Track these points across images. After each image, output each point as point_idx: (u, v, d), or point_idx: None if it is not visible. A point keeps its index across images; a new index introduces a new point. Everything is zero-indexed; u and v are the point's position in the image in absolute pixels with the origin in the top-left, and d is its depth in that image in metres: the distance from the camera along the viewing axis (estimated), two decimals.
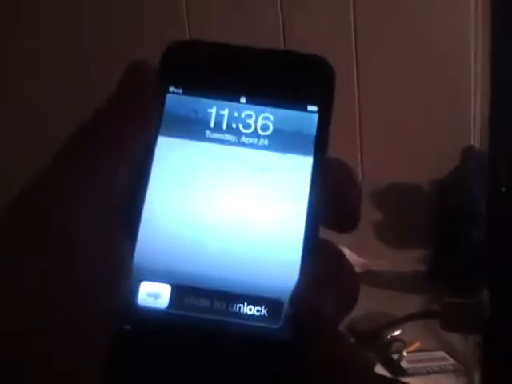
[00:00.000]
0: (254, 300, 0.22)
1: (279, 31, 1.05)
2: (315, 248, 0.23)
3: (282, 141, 0.24)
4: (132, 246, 0.23)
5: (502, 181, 0.40)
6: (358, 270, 0.80)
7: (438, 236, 0.82)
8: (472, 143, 0.94)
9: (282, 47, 1.05)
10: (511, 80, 0.42)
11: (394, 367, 0.59)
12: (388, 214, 0.96)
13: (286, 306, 0.22)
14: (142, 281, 0.23)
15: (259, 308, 0.22)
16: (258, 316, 0.22)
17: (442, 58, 0.99)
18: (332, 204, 0.23)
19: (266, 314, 0.22)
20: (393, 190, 1.02)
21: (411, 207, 0.96)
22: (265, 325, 0.22)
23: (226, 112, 0.24)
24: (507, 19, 0.41)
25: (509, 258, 0.41)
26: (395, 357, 0.60)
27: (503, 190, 0.40)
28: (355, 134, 1.08)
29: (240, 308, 0.22)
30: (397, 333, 0.63)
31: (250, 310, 0.22)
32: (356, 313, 0.71)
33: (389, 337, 0.63)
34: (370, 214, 0.96)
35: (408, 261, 0.81)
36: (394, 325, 0.61)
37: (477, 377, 0.43)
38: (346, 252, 0.84)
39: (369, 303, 0.73)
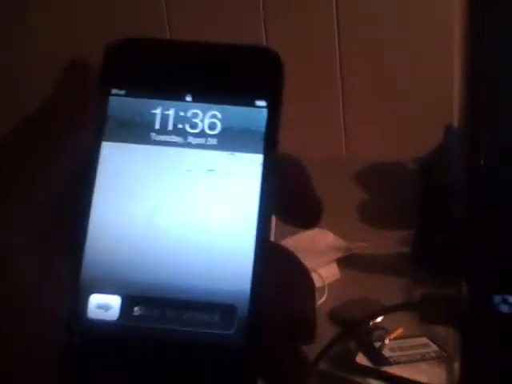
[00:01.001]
0: (206, 306, 0.22)
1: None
2: (267, 250, 0.22)
3: (231, 139, 0.23)
4: (78, 258, 0.22)
5: (481, 153, 0.38)
6: (341, 253, 0.78)
7: (421, 216, 0.80)
8: (455, 120, 0.92)
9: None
10: (487, 54, 0.40)
11: (376, 356, 0.58)
12: (372, 194, 0.95)
13: (238, 310, 0.22)
14: (91, 293, 0.22)
15: (211, 314, 0.22)
16: (210, 322, 0.22)
17: (423, 36, 0.98)
18: (290, 200, 0.23)
19: (218, 319, 0.22)
20: (377, 170, 1.01)
21: (395, 187, 0.95)
22: (218, 331, 0.22)
23: (171, 112, 0.23)
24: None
25: (487, 242, 0.39)
26: (377, 345, 0.59)
27: (482, 162, 0.39)
28: (338, 114, 1.07)
29: (192, 315, 0.22)
30: (378, 319, 0.61)
31: (203, 316, 0.22)
32: (339, 300, 0.70)
33: (370, 324, 0.61)
34: (354, 194, 0.95)
35: (392, 242, 0.80)
36: (371, 317, 0.60)
37: (457, 365, 0.42)
38: (329, 236, 0.83)
39: (352, 288, 0.72)
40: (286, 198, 0.23)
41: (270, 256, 0.22)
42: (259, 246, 0.22)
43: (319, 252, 0.77)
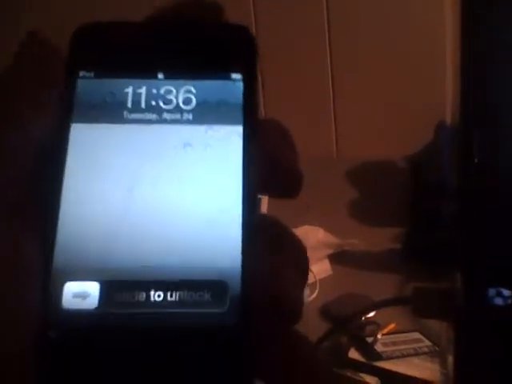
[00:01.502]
0: (195, 285, 0.21)
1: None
2: (256, 223, 0.21)
3: (208, 113, 0.23)
4: (49, 243, 0.20)
5: (475, 151, 0.39)
6: (332, 250, 0.78)
7: (412, 214, 0.81)
8: (446, 118, 0.93)
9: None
10: (481, 53, 0.41)
11: (368, 351, 0.58)
12: (363, 192, 0.95)
13: (230, 287, 0.21)
14: (65, 281, 0.20)
15: (201, 293, 0.20)
16: (200, 302, 0.20)
17: (415, 35, 0.98)
18: (270, 167, 0.22)
19: (209, 298, 0.20)
20: (368, 168, 1.01)
21: (387, 184, 0.95)
22: (209, 310, 0.20)
23: (143, 90, 0.23)
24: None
25: (481, 235, 0.39)
26: (369, 340, 0.59)
27: (476, 160, 0.39)
28: (329, 112, 1.07)
29: (180, 296, 0.20)
30: (371, 314, 0.62)
31: (192, 296, 0.20)
32: (330, 295, 0.71)
33: (363, 319, 0.61)
34: (345, 192, 0.95)
35: (384, 239, 0.80)
36: (364, 312, 0.60)
37: (450, 359, 0.42)
38: (320, 232, 0.83)
39: (343, 285, 0.73)
40: (263, 166, 0.22)
41: (259, 227, 0.21)
42: (246, 218, 0.21)
43: (311, 248, 0.77)
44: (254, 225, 0.21)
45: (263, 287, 0.20)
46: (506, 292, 0.37)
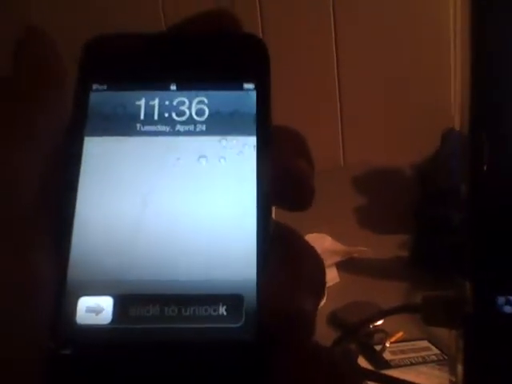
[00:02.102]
0: (210, 299, 0.20)
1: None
2: (271, 234, 0.21)
3: (221, 124, 0.22)
4: (63, 258, 0.20)
5: (484, 159, 0.39)
6: (339, 257, 0.78)
7: (419, 220, 0.81)
8: (453, 125, 0.93)
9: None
10: (490, 59, 0.41)
11: (377, 359, 0.58)
12: (371, 200, 0.95)
13: (246, 300, 0.20)
14: (79, 296, 0.20)
15: (216, 307, 0.20)
16: (215, 316, 0.20)
17: (422, 42, 0.98)
18: (280, 179, 0.21)
19: (224, 312, 0.20)
20: (375, 175, 1.01)
21: (394, 192, 0.95)
22: (225, 325, 0.20)
23: (156, 102, 0.23)
24: (485, 3, 0.40)
25: (490, 243, 0.39)
26: (377, 348, 0.59)
27: (485, 168, 0.39)
28: (337, 119, 1.07)
29: (194, 310, 0.20)
30: (379, 322, 0.61)
31: (206, 310, 0.20)
32: (338, 303, 0.70)
33: (371, 327, 0.61)
34: (352, 199, 0.95)
35: (391, 247, 0.80)
36: (372, 320, 0.60)
37: (460, 367, 0.42)
38: (328, 239, 0.83)
39: (351, 292, 0.72)
40: (274, 179, 0.21)
41: (274, 238, 0.21)
42: (261, 230, 0.21)
43: None
44: (268, 237, 0.21)
45: (276, 301, 0.20)
46: None
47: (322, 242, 0.81)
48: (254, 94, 0.23)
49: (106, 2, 1.06)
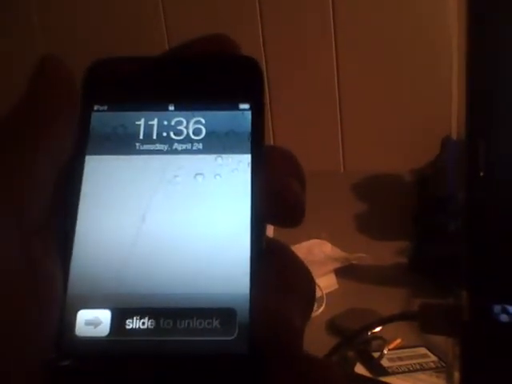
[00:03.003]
0: (204, 312, 0.21)
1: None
2: (264, 249, 0.22)
3: (217, 143, 0.23)
4: (64, 272, 0.21)
5: (481, 166, 0.39)
6: (338, 264, 0.78)
7: (418, 227, 0.81)
8: (452, 132, 0.93)
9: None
10: (487, 67, 0.41)
11: (375, 366, 0.58)
12: (370, 206, 0.95)
13: (239, 314, 0.21)
14: (78, 309, 0.21)
15: (210, 320, 0.21)
16: (209, 329, 0.21)
17: (421, 49, 0.98)
18: (271, 197, 0.22)
19: (218, 325, 0.21)
20: (375, 182, 1.01)
21: (393, 198, 0.95)
22: (218, 338, 0.20)
23: (154, 122, 0.23)
24: (484, 12, 0.40)
25: (487, 252, 0.39)
26: (375, 355, 0.59)
27: (481, 175, 0.39)
28: (336, 127, 1.07)
29: (189, 323, 0.21)
30: (377, 329, 0.61)
31: (200, 323, 0.21)
32: (337, 310, 0.70)
33: (369, 334, 0.61)
34: (352, 206, 0.95)
35: (390, 253, 0.80)
36: (370, 327, 0.60)
37: (457, 375, 0.42)
38: (327, 246, 0.83)
39: (350, 299, 0.72)
40: (265, 197, 0.22)
41: (267, 254, 0.22)
42: (254, 246, 0.22)
43: (317, 262, 0.77)
44: (262, 252, 0.22)
45: (266, 315, 0.20)
46: (511, 309, 0.37)
47: (321, 249, 0.81)
48: (249, 114, 0.24)
49: (109, 20, 1.07)
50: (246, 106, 0.24)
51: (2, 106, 0.23)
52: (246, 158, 0.23)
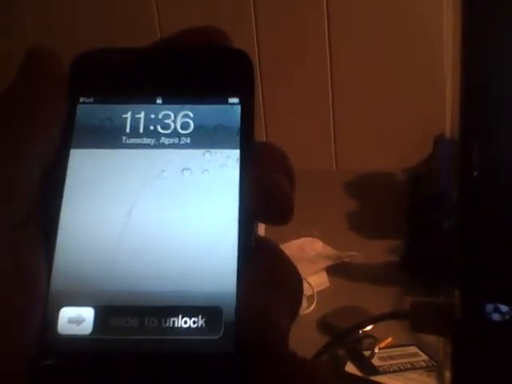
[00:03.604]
0: (189, 311, 0.20)
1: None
2: (252, 248, 0.21)
3: (205, 137, 0.23)
4: (47, 267, 0.20)
5: (474, 165, 0.39)
6: (330, 262, 0.78)
7: (410, 225, 0.81)
8: (444, 131, 0.93)
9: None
10: (481, 67, 0.41)
11: (365, 365, 0.57)
12: (362, 204, 0.95)
13: (225, 313, 0.20)
14: (61, 307, 0.20)
15: (195, 319, 0.20)
16: (195, 328, 0.20)
17: (415, 48, 0.98)
18: (259, 194, 0.22)
19: (203, 324, 0.20)
20: (367, 180, 1.01)
21: (386, 197, 0.95)
22: (204, 337, 0.20)
23: (142, 115, 0.23)
24: (479, 9, 0.40)
25: (480, 251, 0.39)
26: (366, 354, 0.59)
27: (475, 174, 0.39)
28: (329, 124, 1.07)
29: (174, 322, 0.20)
30: (368, 328, 0.61)
31: (186, 322, 0.20)
32: (328, 308, 0.70)
33: (360, 332, 0.61)
34: (344, 204, 0.95)
35: (382, 252, 0.80)
36: (361, 326, 0.59)
37: (448, 374, 0.42)
38: (319, 244, 0.83)
39: (341, 297, 0.72)
40: (254, 193, 0.22)
41: (254, 252, 0.21)
42: (242, 243, 0.21)
43: (308, 260, 0.77)
44: (249, 250, 0.21)
45: (252, 314, 0.20)
46: (503, 308, 0.37)
47: (312, 246, 0.81)
48: (238, 109, 0.23)
49: (101, 15, 1.06)
50: (235, 100, 0.23)
51: None
52: (235, 154, 0.22)
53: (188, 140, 0.23)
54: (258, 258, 0.21)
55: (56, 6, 1.07)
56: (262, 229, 0.67)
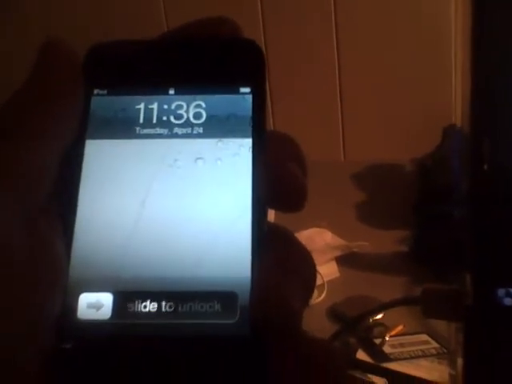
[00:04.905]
0: (205, 296, 0.21)
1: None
2: (265, 234, 0.22)
3: (218, 127, 0.23)
4: (67, 254, 0.21)
5: (485, 158, 0.39)
6: (339, 252, 0.79)
7: (419, 215, 0.81)
8: (454, 121, 0.93)
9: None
10: (492, 55, 0.41)
11: (376, 353, 0.58)
12: (371, 195, 0.95)
13: (240, 297, 0.21)
14: (80, 292, 0.21)
15: (211, 304, 0.21)
16: (211, 312, 0.21)
17: (423, 39, 0.98)
18: (273, 182, 0.22)
19: (219, 309, 0.21)
20: (375, 171, 1.01)
21: (394, 187, 0.95)
22: (220, 321, 0.21)
23: (155, 106, 0.23)
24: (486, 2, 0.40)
25: (490, 235, 0.39)
26: (377, 341, 0.59)
27: (485, 167, 0.39)
28: (337, 116, 1.07)
29: (191, 307, 0.21)
30: (379, 316, 0.62)
31: (202, 307, 0.21)
32: (338, 297, 0.71)
33: (371, 320, 0.61)
34: (352, 195, 0.95)
35: (391, 242, 0.80)
36: (372, 313, 0.60)
37: (459, 361, 0.42)
38: (328, 234, 0.83)
39: (351, 286, 0.73)
40: (267, 181, 0.22)
41: (268, 238, 0.22)
42: (256, 230, 0.22)
43: (318, 251, 0.78)
44: (263, 236, 0.22)
45: (267, 298, 0.20)
46: None
47: (322, 237, 0.81)
48: (250, 98, 0.23)
49: (109, 21, 1.06)
50: (247, 89, 0.24)
51: None
52: (247, 143, 0.23)
53: (201, 130, 0.23)
54: (272, 244, 0.22)
55: (56, 6, 1.07)
56: (271, 218, 0.68)
